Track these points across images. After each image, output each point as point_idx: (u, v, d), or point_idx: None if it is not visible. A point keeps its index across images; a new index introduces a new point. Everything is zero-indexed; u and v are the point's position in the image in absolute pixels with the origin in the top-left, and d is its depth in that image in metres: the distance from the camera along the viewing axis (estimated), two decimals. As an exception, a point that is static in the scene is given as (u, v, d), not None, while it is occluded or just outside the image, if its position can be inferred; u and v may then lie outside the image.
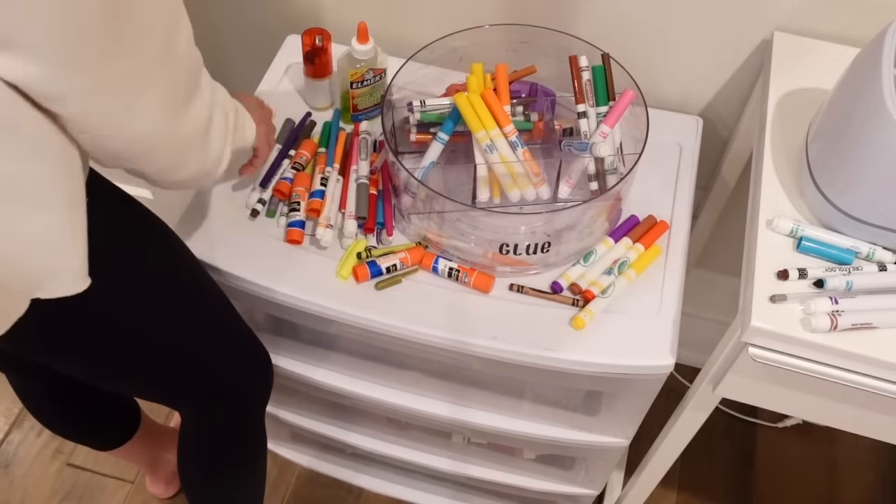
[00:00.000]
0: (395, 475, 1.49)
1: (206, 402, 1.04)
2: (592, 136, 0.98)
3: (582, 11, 1.13)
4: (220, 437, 1.11)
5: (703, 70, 1.16)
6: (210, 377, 1.00)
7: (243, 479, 1.17)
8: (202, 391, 1.01)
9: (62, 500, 1.53)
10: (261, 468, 1.20)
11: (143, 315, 0.87)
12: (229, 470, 1.15)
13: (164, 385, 0.99)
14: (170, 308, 0.90)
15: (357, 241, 1.02)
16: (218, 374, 1.01)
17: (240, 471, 1.16)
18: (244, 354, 1.04)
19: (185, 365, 0.96)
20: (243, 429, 1.11)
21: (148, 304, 0.87)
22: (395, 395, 1.16)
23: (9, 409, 1.64)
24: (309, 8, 1.26)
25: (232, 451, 1.13)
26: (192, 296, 0.94)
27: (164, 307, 0.89)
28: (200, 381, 1.00)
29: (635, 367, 0.95)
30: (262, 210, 1.05)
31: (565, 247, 0.99)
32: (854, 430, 0.90)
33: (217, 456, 1.13)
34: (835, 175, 0.83)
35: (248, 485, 1.19)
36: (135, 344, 0.88)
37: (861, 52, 0.82)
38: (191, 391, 1.01)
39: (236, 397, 1.06)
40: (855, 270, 0.83)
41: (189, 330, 0.93)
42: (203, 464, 1.15)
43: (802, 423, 1.60)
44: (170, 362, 0.93)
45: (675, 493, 1.54)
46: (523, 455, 1.33)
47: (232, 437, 1.11)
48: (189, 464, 1.16)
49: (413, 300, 0.98)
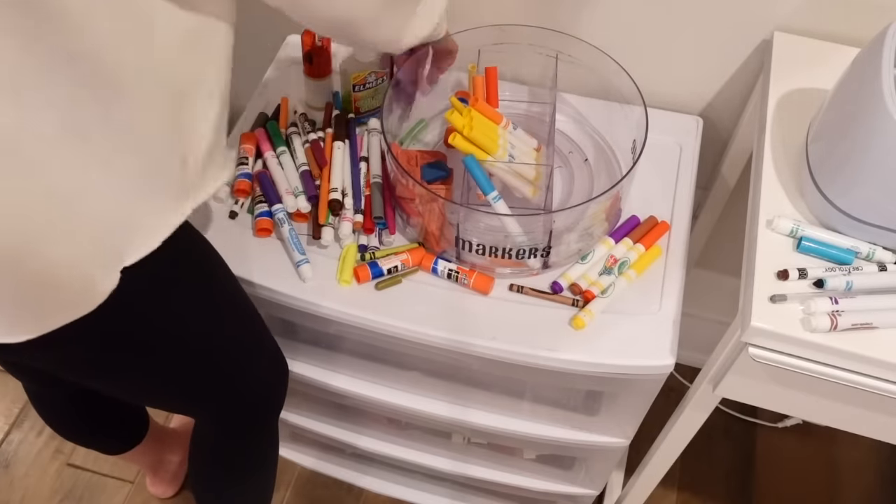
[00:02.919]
0: (396, 475, 1.49)
1: (224, 408, 1.03)
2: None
3: (582, 12, 1.13)
4: (235, 443, 1.10)
5: (703, 70, 1.16)
6: (231, 383, 0.99)
7: (255, 483, 1.17)
8: (222, 397, 1.00)
9: (62, 500, 1.53)
10: (272, 472, 1.20)
11: (180, 318, 0.84)
12: (242, 474, 1.15)
13: (186, 391, 0.97)
14: (203, 312, 0.88)
15: (349, 245, 1.02)
16: (238, 381, 0.99)
17: (252, 475, 1.16)
18: (266, 361, 1.03)
19: (210, 370, 0.94)
20: (259, 434, 1.11)
21: (181, 307, 0.84)
22: (396, 396, 1.16)
23: (9, 409, 1.64)
24: (309, 8, 1.26)
25: (246, 456, 1.13)
26: (224, 301, 0.93)
27: (197, 311, 0.87)
28: (222, 388, 0.98)
29: (635, 367, 0.95)
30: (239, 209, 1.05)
31: (565, 247, 0.99)
32: (854, 430, 0.90)
33: (231, 460, 1.13)
34: (835, 175, 0.83)
35: (258, 487, 1.19)
36: (166, 347, 0.86)
37: (861, 52, 0.82)
38: (211, 397, 1.00)
39: (254, 404, 1.06)
40: (855, 270, 0.83)
41: (218, 335, 0.92)
42: (217, 468, 1.15)
43: (802, 423, 1.60)
44: (197, 367, 0.92)
45: (675, 493, 1.54)
46: (523, 455, 1.33)
47: (247, 443, 1.11)
48: (203, 468, 1.16)
49: (413, 300, 0.98)
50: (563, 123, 1.13)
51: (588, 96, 1.15)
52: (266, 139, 1.09)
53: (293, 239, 1.01)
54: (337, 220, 1.03)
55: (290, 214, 1.03)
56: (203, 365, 0.92)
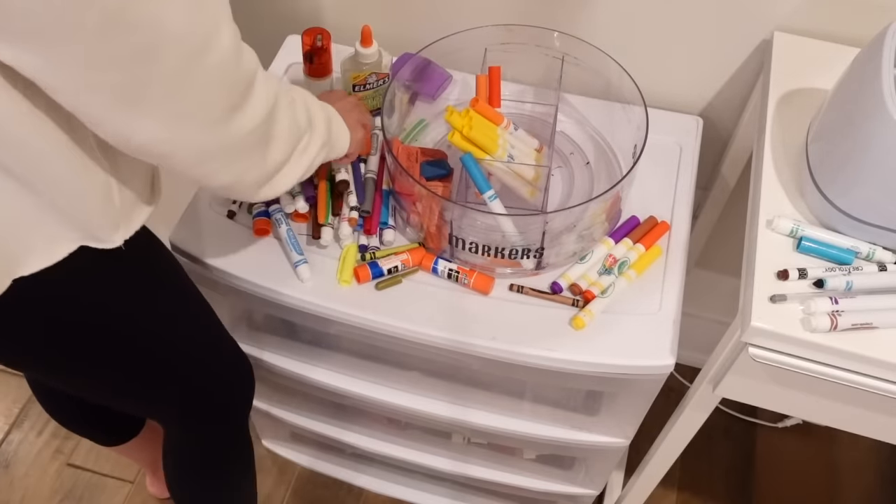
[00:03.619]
0: (395, 475, 1.49)
1: (185, 409, 1.02)
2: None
3: (582, 12, 1.13)
4: (202, 444, 1.10)
5: (703, 70, 1.16)
6: (188, 384, 0.98)
7: (231, 484, 1.17)
8: (181, 398, 1.00)
9: (62, 500, 1.53)
10: (248, 476, 1.20)
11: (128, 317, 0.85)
12: (214, 481, 1.15)
13: (144, 391, 0.96)
14: (153, 312, 0.88)
15: (349, 245, 1.02)
16: (196, 381, 0.99)
17: (225, 481, 1.16)
18: (225, 364, 1.03)
19: (165, 370, 0.94)
20: (226, 440, 1.11)
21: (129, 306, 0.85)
22: (395, 395, 1.16)
23: (9, 409, 1.64)
24: (309, 8, 1.26)
25: (216, 457, 1.13)
26: (180, 302, 0.93)
27: (147, 310, 0.87)
28: (180, 388, 0.98)
29: (635, 367, 0.95)
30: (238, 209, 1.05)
31: (565, 247, 0.99)
32: (854, 430, 0.90)
33: (201, 462, 1.13)
34: (835, 175, 0.83)
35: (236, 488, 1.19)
36: (122, 347, 0.86)
37: (861, 52, 0.82)
38: (170, 398, 0.99)
39: (218, 404, 1.05)
40: (855, 270, 0.83)
41: (170, 334, 0.92)
42: (188, 476, 1.15)
43: (802, 423, 1.60)
44: (151, 367, 0.92)
45: (675, 493, 1.54)
46: (523, 455, 1.33)
47: (215, 444, 1.11)
48: (174, 471, 1.16)
49: (413, 300, 0.98)
50: (564, 124, 1.13)
51: (589, 96, 1.15)
52: None
53: (291, 239, 1.01)
54: (337, 219, 1.03)
55: (288, 215, 1.03)
56: (156, 364, 0.92)
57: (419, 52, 1.07)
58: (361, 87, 1.10)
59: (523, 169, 1.00)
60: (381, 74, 1.10)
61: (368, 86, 1.10)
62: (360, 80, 1.09)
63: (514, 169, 0.99)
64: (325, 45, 1.10)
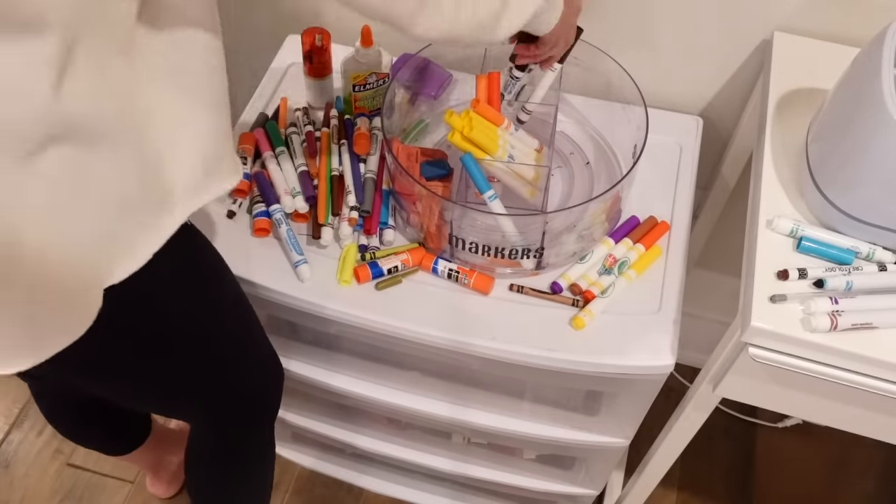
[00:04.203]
0: (396, 475, 1.49)
1: (220, 411, 1.02)
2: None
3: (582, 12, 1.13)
4: (232, 446, 1.10)
5: (703, 70, 1.16)
6: (227, 387, 0.98)
7: (253, 484, 1.17)
8: (218, 401, 1.00)
9: (62, 500, 1.53)
10: (269, 472, 1.20)
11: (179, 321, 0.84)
12: (240, 476, 1.15)
13: (183, 394, 0.96)
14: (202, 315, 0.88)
15: (349, 245, 1.02)
16: (235, 384, 0.99)
17: (251, 476, 1.16)
18: (263, 365, 1.03)
19: (208, 373, 0.93)
20: (255, 436, 1.11)
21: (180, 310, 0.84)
22: (396, 396, 1.16)
23: (9, 409, 1.64)
24: (309, 8, 1.26)
25: (243, 458, 1.13)
26: (233, 301, 0.93)
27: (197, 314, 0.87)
28: (218, 391, 0.98)
29: (635, 367, 0.95)
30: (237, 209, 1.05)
31: (565, 247, 0.99)
32: (854, 430, 0.90)
33: (229, 463, 1.13)
34: (835, 175, 0.83)
35: (257, 488, 1.19)
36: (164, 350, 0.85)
37: (861, 52, 0.82)
38: (208, 401, 0.99)
39: (251, 407, 1.05)
40: (855, 270, 0.83)
41: (217, 337, 0.91)
42: (215, 472, 1.14)
43: (802, 423, 1.60)
44: (195, 370, 0.91)
45: (675, 493, 1.54)
46: (523, 455, 1.33)
47: (244, 445, 1.11)
48: (201, 471, 1.16)
49: (413, 301, 0.98)
50: (564, 124, 1.13)
51: (589, 96, 1.15)
52: (265, 139, 1.09)
53: (291, 239, 1.01)
54: (337, 219, 1.03)
55: (288, 215, 1.03)
56: (201, 367, 0.91)
57: (419, 52, 1.07)
58: (361, 87, 1.10)
59: (523, 169, 1.00)
60: (381, 74, 1.10)
61: (368, 86, 1.10)
62: (360, 80, 1.09)
63: (514, 169, 0.99)
64: (325, 45, 1.10)
